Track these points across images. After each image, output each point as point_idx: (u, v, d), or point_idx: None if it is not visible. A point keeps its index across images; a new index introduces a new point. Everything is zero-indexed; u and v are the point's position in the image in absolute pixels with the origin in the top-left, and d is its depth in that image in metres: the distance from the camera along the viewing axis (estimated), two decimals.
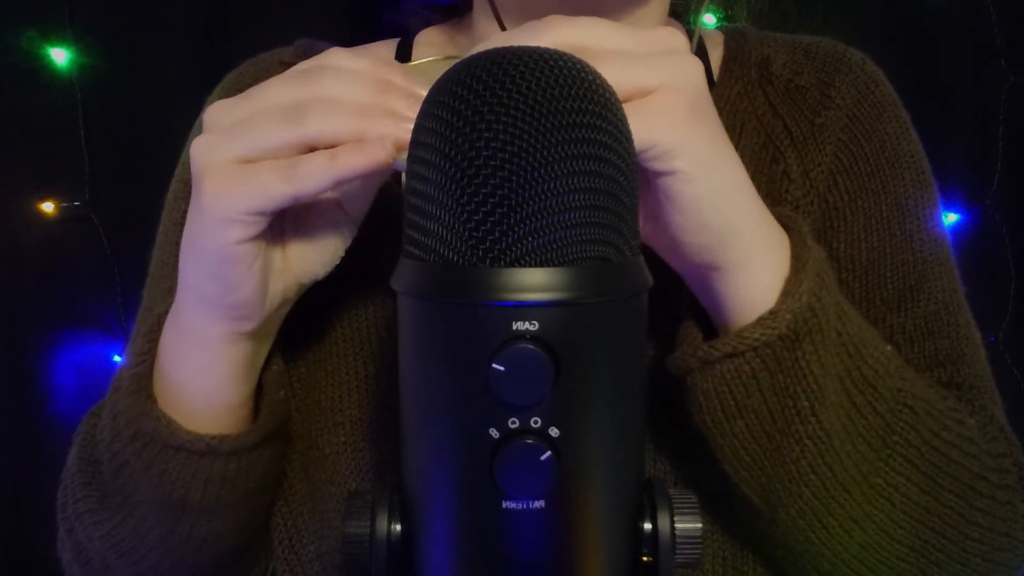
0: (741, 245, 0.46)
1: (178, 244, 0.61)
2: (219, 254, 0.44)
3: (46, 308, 0.96)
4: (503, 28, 0.56)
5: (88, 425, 0.57)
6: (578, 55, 0.41)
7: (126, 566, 0.54)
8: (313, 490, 0.58)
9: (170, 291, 0.60)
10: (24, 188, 0.95)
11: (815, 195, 0.61)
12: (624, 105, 0.41)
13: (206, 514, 0.51)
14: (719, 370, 0.47)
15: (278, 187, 0.42)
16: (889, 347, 0.53)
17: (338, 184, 0.43)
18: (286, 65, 0.63)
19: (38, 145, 0.95)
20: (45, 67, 0.93)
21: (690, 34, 0.68)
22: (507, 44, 0.37)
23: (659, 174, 0.43)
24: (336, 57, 0.45)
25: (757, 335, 0.46)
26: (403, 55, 0.66)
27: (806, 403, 0.48)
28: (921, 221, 0.62)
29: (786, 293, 0.47)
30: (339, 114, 0.42)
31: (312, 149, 0.43)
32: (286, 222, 0.48)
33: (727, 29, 0.69)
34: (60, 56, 0.93)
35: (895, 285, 0.60)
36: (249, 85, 0.63)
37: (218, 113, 0.45)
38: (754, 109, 0.63)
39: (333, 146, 0.42)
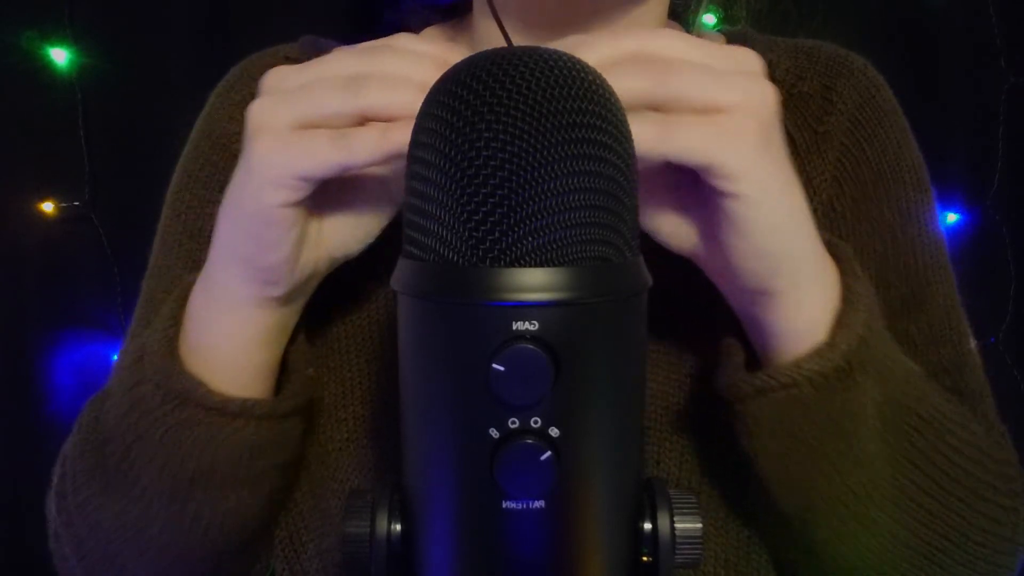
0: (794, 273, 0.46)
1: (180, 234, 0.61)
2: (260, 215, 0.44)
3: (46, 308, 0.96)
4: (503, 29, 0.55)
5: (91, 413, 0.56)
6: (655, 65, 0.41)
7: (131, 556, 0.54)
8: (314, 487, 0.58)
9: (174, 281, 0.59)
10: (24, 188, 0.95)
11: (818, 203, 0.61)
12: (695, 119, 0.41)
13: (224, 487, 0.51)
14: (772, 398, 0.47)
15: (328, 155, 0.42)
16: (911, 362, 0.54)
17: (388, 158, 0.42)
18: (291, 60, 0.63)
19: (38, 145, 0.95)
20: (45, 67, 0.93)
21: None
22: (579, 47, 0.39)
23: (722, 195, 0.43)
24: (403, 39, 0.45)
25: (814, 366, 0.46)
26: None
27: (851, 428, 0.48)
28: (923, 227, 0.62)
29: (841, 325, 0.47)
30: (397, 89, 0.42)
31: (368, 123, 0.43)
32: (328, 193, 0.48)
33: (728, 32, 0.69)
34: (60, 56, 0.93)
35: (900, 292, 0.60)
36: (256, 78, 0.63)
37: (277, 78, 0.46)
38: None
39: (389, 121, 0.42)
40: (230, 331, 0.49)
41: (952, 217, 1.04)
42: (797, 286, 0.47)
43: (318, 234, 0.48)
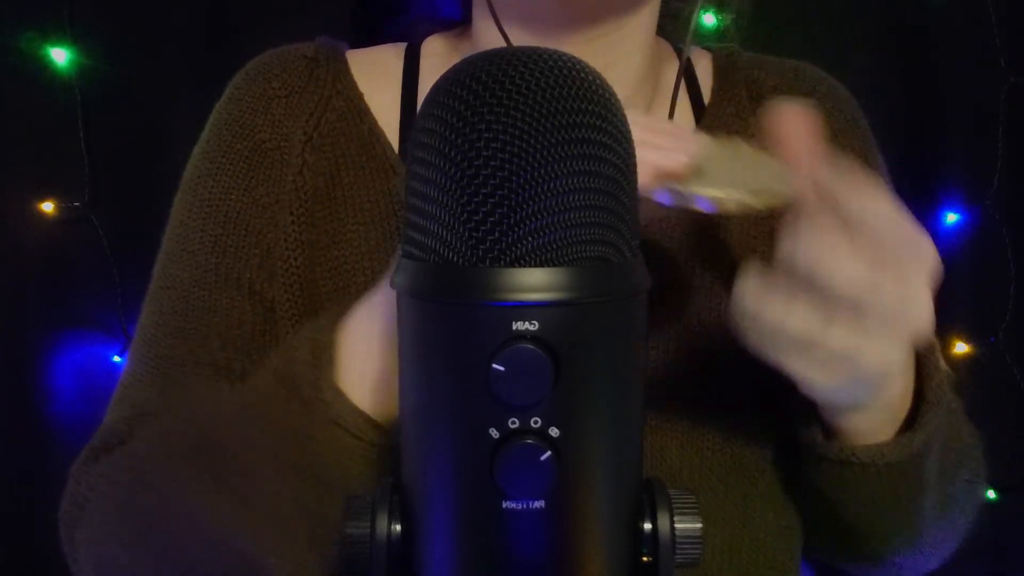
0: (874, 402, 0.49)
1: (204, 220, 0.61)
2: None
3: (46, 308, 0.96)
4: (505, 37, 0.56)
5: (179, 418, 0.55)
6: (868, 251, 0.41)
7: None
8: None
9: (200, 266, 0.60)
10: (24, 188, 0.95)
11: None
12: (851, 310, 0.42)
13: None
14: (851, 468, 0.51)
15: None
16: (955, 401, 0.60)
17: (660, 177, 0.45)
18: (308, 59, 0.65)
19: (38, 145, 0.95)
20: (45, 67, 0.93)
21: (678, 52, 0.68)
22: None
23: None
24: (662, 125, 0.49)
25: (895, 455, 0.50)
26: (411, 60, 0.67)
27: (916, 488, 0.53)
28: None
29: (923, 423, 0.51)
30: (679, 147, 0.45)
31: None
32: None
33: (715, 49, 0.71)
34: (60, 56, 0.93)
35: None
36: (276, 75, 0.65)
37: None
38: (746, 129, 0.65)
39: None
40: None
41: (952, 217, 1.04)
42: (874, 407, 0.50)
43: None
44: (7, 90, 0.94)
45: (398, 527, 0.36)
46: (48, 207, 0.95)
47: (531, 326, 0.32)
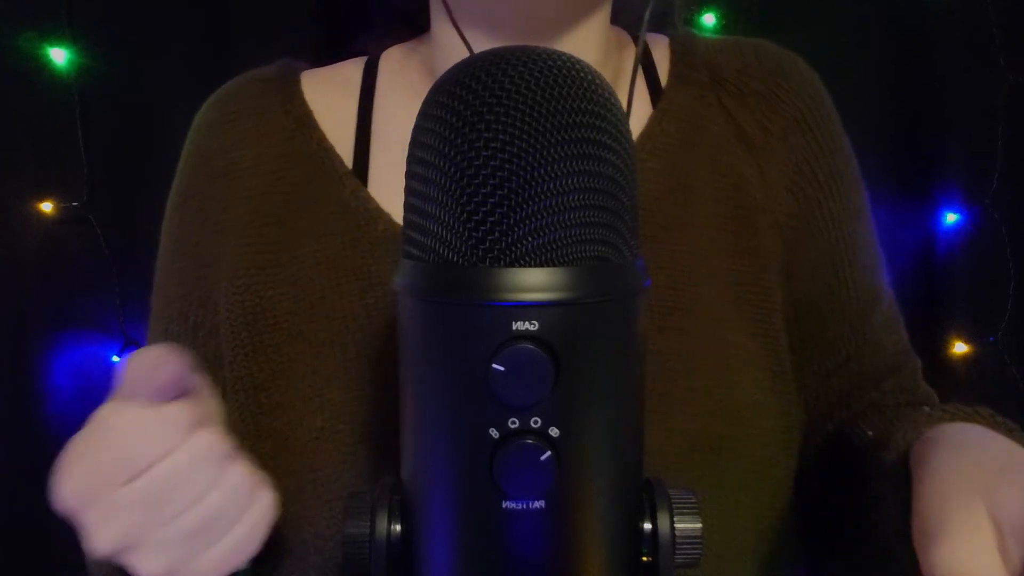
0: None
1: (176, 254, 0.62)
2: None
3: (45, 308, 0.96)
4: (466, 42, 0.56)
5: None
6: None
7: None
8: (289, 483, 0.56)
9: (166, 296, 0.61)
10: (23, 188, 0.95)
11: (775, 200, 0.63)
12: None
13: None
14: None
15: None
16: None
17: None
18: (263, 82, 0.66)
19: (37, 145, 0.95)
20: (44, 67, 0.93)
21: (634, 39, 0.68)
22: None
23: None
24: None
25: None
26: (370, 72, 0.67)
27: None
28: (868, 222, 0.67)
29: None
30: None
31: None
32: None
33: (672, 36, 0.70)
34: (59, 56, 0.93)
35: (867, 285, 0.65)
36: (234, 99, 0.66)
37: None
38: (708, 112, 0.65)
39: None
40: None
41: (952, 217, 1.04)
42: None
43: None
44: (6, 90, 0.94)
45: (398, 527, 0.36)
46: (47, 207, 0.95)
47: (531, 326, 0.32)
